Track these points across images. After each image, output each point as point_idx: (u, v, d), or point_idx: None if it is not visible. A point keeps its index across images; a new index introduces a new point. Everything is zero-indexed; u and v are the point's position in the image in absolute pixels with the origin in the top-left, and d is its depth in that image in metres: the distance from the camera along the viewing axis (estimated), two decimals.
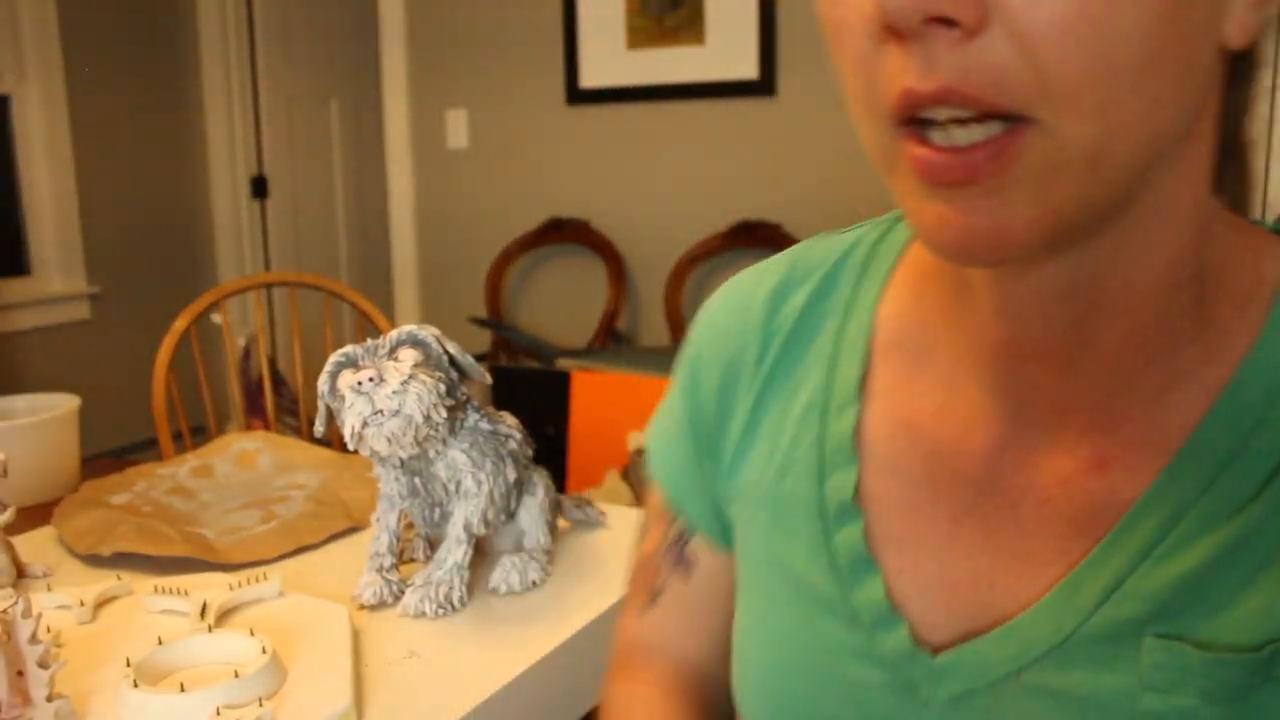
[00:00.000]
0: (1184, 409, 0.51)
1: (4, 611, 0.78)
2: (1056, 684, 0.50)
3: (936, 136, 0.44)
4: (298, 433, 3.66)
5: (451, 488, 1.01)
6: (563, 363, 3.17)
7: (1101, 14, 0.41)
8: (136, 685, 0.81)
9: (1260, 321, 0.50)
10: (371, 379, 0.93)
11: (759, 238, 3.40)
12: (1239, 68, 0.50)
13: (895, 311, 0.61)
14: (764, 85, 3.37)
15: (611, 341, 3.58)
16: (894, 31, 0.43)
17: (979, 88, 0.42)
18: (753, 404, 0.65)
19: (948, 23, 0.41)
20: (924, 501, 0.57)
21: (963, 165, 0.43)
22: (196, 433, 3.54)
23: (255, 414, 3.83)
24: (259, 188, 4.71)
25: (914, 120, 0.44)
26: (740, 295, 0.68)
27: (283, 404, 3.99)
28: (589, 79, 3.65)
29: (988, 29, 0.41)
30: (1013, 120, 0.43)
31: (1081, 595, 0.50)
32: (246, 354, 3.86)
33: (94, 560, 1.16)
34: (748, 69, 3.39)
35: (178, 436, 2.17)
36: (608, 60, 3.60)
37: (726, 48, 3.39)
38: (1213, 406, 0.50)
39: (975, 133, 0.43)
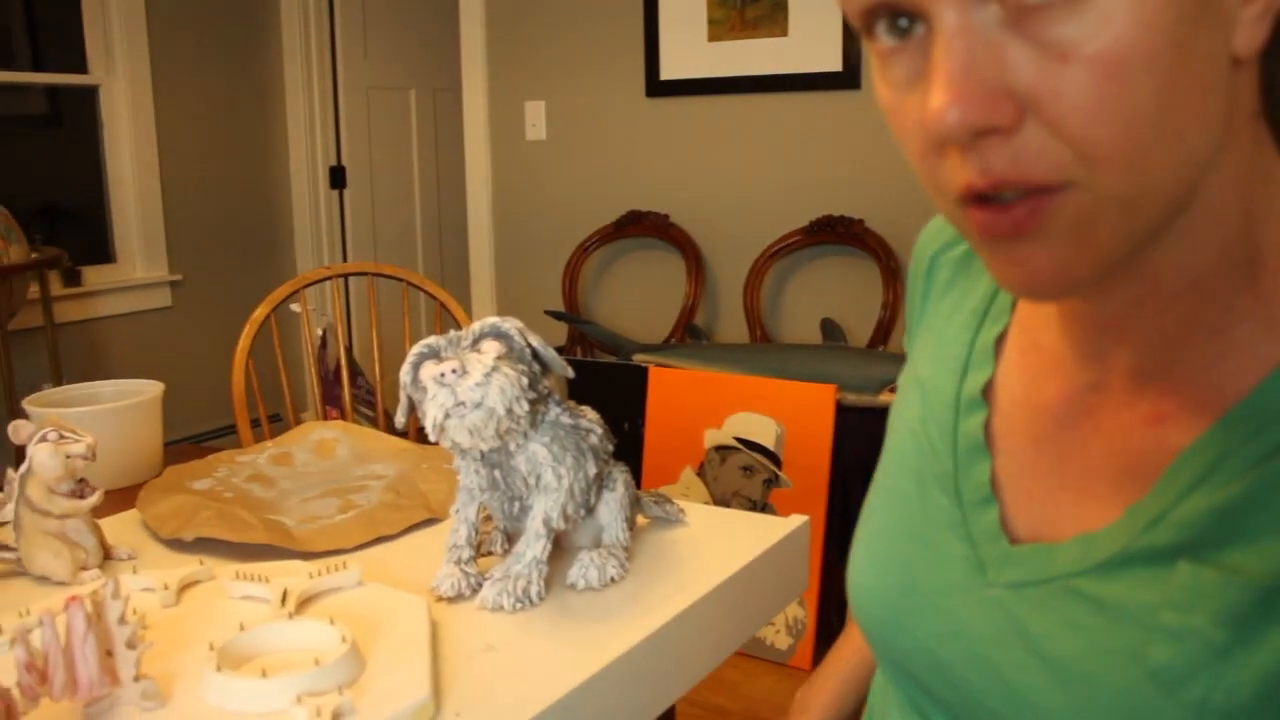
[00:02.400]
0: (1238, 376, 0.56)
1: (95, 592, 0.79)
2: (1096, 592, 0.58)
3: (1002, 194, 0.51)
4: (374, 423, 3.69)
5: (531, 481, 1.00)
6: (640, 358, 3.16)
7: (1120, 89, 0.47)
8: (219, 669, 0.81)
9: None
10: (455, 371, 0.92)
11: (840, 234, 3.36)
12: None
13: None
14: (847, 78, 3.33)
15: (689, 337, 3.57)
16: (944, 143, 0.51)
17: (1027, 173, 0.49)
18: (921, 301, 0.80)
19: (992, 130, 0.49)
20: (1020, 418, 0.67)
21: (1009, 221, 0.51)
22: (273, 420, 3.59)
23: (331, 403, 3.87)
24: (337, 178, 4.76)
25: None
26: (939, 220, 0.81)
27: (359, 394, 4.03)
28: (669, 71, 3.63)
29: (1025, 123, 0.48)
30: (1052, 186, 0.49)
31: (1133, 522, 0.57)
32: (323, 343, 3.90)
33: (176, 545, 1.17)
34: (831, 61, 3.35)
35: (255, 424, 2.19)
36: (688, 52, 3.58)
37: (809, 39, 3.36)
38: (1271, 374, 0.54)
39: (1017, 193, 0.50)
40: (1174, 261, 0.56)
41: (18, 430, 1.09)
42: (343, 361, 2.48)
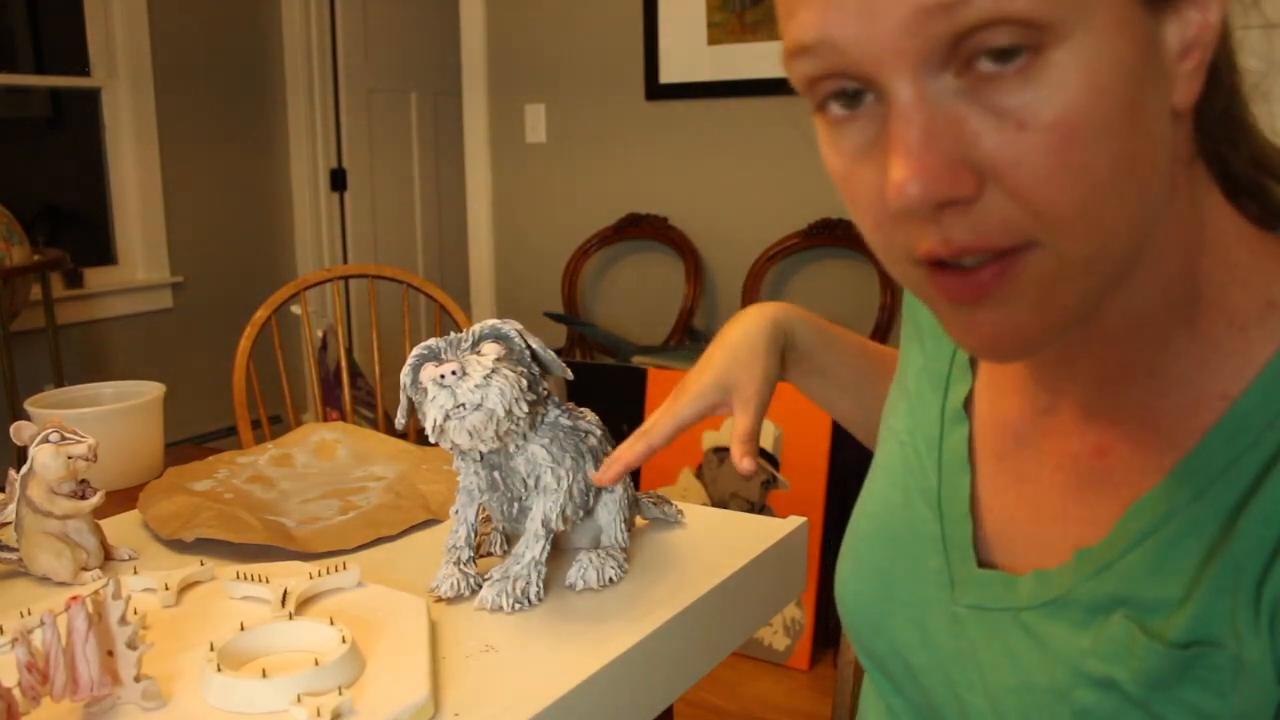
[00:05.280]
0: (1179, 415, 0.58)
1: (96, 593, 0.80)
2: (1039, 628, 0.61)
3: (962, 261, 0.51)
4: (374, 424, 3.70)
5: (531, 482, 1.01)
6: (639, 360, 3.16)
7: (1078, 154, 0.47)
8: (220, 669, 0.82)
9: (1267, 354, 0.55)
10: (454, 372, 0.93)
11: (839, 237, 3.37)
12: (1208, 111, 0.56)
13: None
14: None
15: (688, 339, 3.57)
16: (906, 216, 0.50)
17: (989, 240, 0.50)
18: (912, 313, 0.80)
19: (954, 201, 0.49)
20: (988, 434, 0.70)
21: (974, 285, 0.51)
22: (273, 422, 3.59)
23: (332, 405, 3.88)
24: (338, 180, 4.77)
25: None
26: None
27: (359, 395, 4.03)
28: (668, 74, 3.64)
29: (985, 191, 0.49)
30: (1026, 245, 0.50)
31: (1081, 567, 0.60)
32: (324, 345, 3.91)
33: (177, 545, 1.17)
34: None
35: (256, 425, 2.20)
36: (687, 56, 3.58)
37: None
38: (1209, 431, 0.56)
39: (977, 259, 0.51)
40: (1121, 305, 0.57)
41: (19, 431, 1.10)
42: (343, 363, 2.49)
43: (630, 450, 0.96)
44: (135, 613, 0.93)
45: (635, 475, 1.09)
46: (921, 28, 0.47)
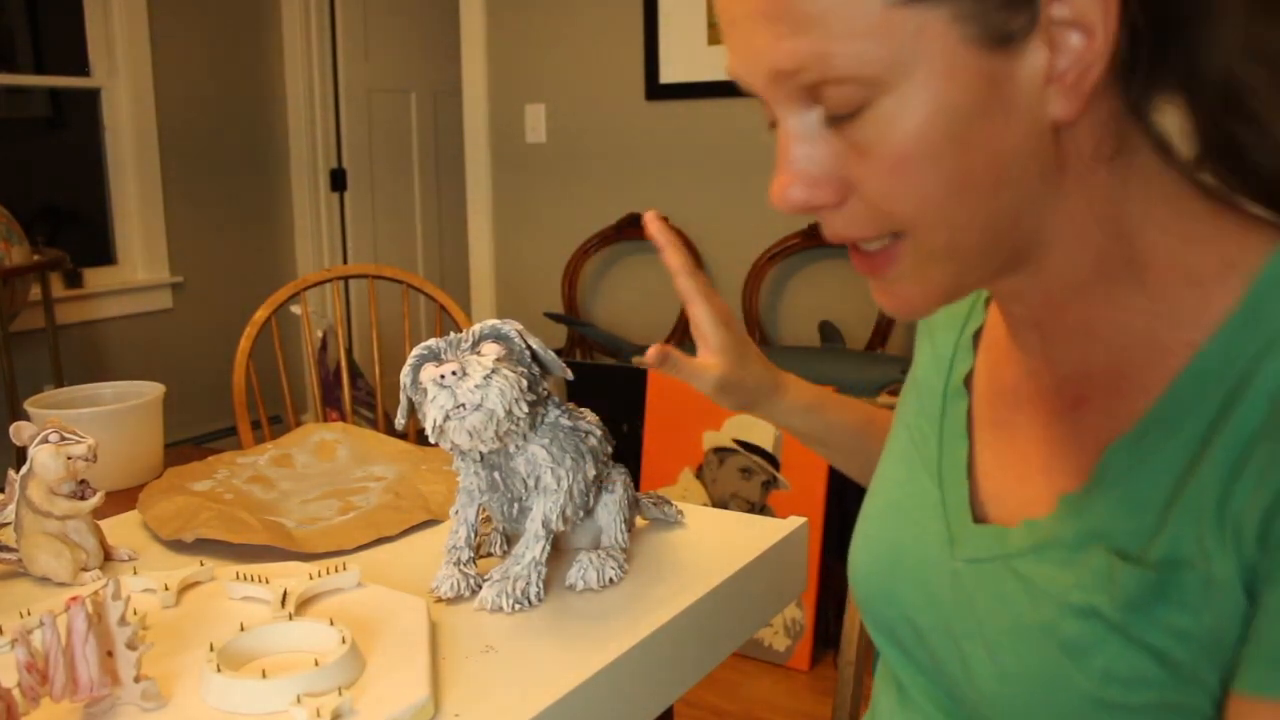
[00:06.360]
0: (1143, 366, 0.65)
1: (95, 593, 0.80)
2: (1027, 571, 0.68)
3: (860, 245, 0.65)
4: (374, 424, 3.70)
5: (531, 483, 1.01)
6: (639, 360, 3.16)
7: (907, 179, 0.60)
8: (219, 670, 0.82)
9: (1227, 306, 0.62)
10: (454, 373, 0.93)
11: None
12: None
13: None
14: None
15: (688, 339, 3.57)
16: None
17: (857, 232, 0.64)
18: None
19: (818, 207, 0.63)
20: (986, 404, 0.78)
21: (868, 264, 0.65)
22: (273, 422, 3.59)
23: (331, 405, 3.88)
24: (338, 180, 4.77)
25: None
26: None
27: (359, 395, 4.03)
28: (669, 74, 3.63)
29: (850, 199, 0.62)
30: (896, 235, 0.63)
31: (1065, 511, 0.67)
32: (324, 345, 3.91)
33: (177, 546, 1.17)
34: None
35: (256, 425, 2.20)
36: (688, 56, 3.58)
37: None
38: (1179, 374, 0.63)
39: (874, 244, 0.64)
40: (1054, 276, 0.66)
41: (19, 431, 1.10)
42: (343, 363, 2.49)
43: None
44: (135, 613, 0.93)
45: (635, 475, 1.09)
46: (779, 82, 0.61)
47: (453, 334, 0.99)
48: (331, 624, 0.89)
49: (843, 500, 2.70)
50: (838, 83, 0.58)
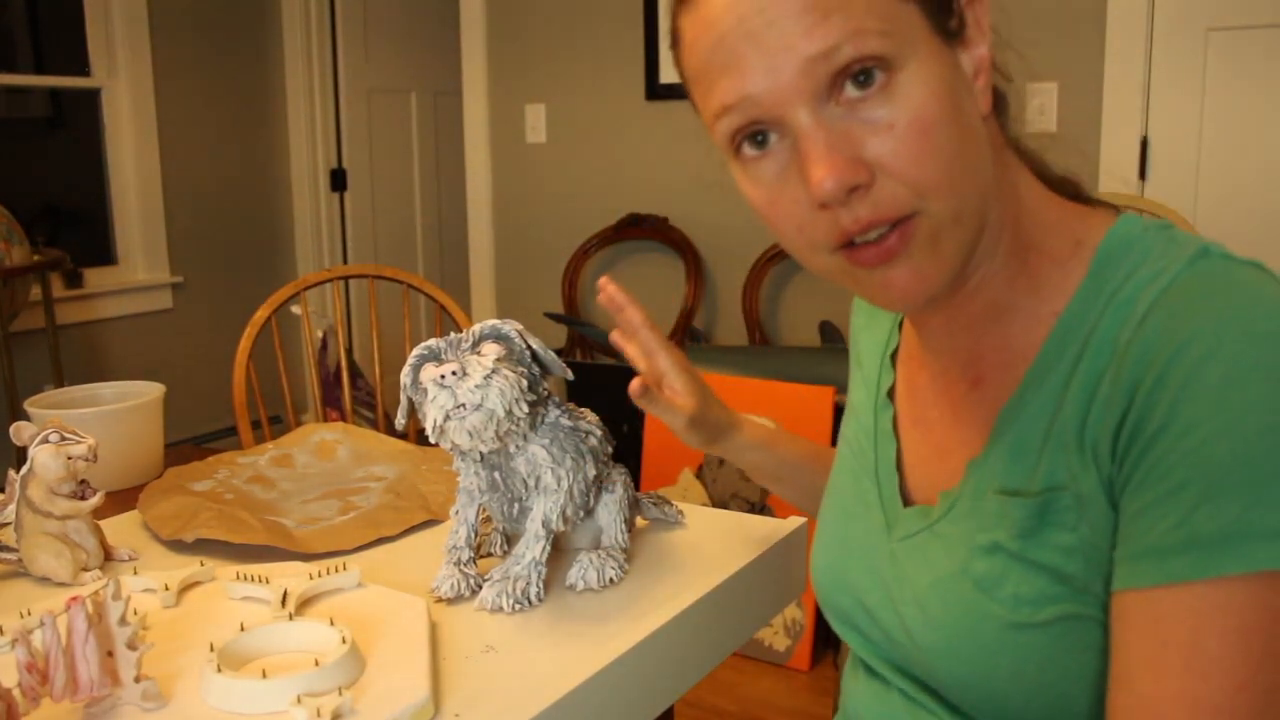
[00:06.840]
0: (1024, 337, 0.76)
1: (96, 593, 0.80)
2: (944, 530, 0.79)
3: (859, 240, 0.70)
4: (374, 424, 3.70)
5: (531, 483, 1.01)
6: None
7: (931, 141, 0.68)
8: (220, 670, 0.82)
9: (1079, 277, 0.74)
10: (454, 373, 0.93)
11: None
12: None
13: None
14: None
15: (688, 340, 3.57)
16: (826, 205, 0.69)
17: (886, 211, 0.68)
18: (853, 347, 1.01)
19: (857, 186, 0.68)
20: (908, 408, 0.89)
21: (884, 249, 0.70)
22: (273, 422, 3.59)
23: (332, 405, 3.88)
24: (338, 180, 4.76)
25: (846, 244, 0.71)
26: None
27: (359, 395, 4.03)
28: (669, 74, 3.63)
29: (877, 179, 0.68)
30: (904, 218, 0.69)
31: (971, 474, 0.78)
32: (324, 345, 3.91)
33: (177, 546, 1.17)
34: None
35: (256, 425, 2.20)
36: None
37: None
38: (1046, 339, 0.74)
39: (882, 230, 0.69)
40: (984, 258, 0.77)
41: (19, 431, 1.10)
42: (343, 363, 2.48)
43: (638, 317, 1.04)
44: (135, 613, 0.93)
45: (635, 476, 1.09)
46: (810, 71, 0.67)
47: (453, 334, 0.99)
48: (331, 624, 0.89)
49: None
50: (865, 60, 0.67)
